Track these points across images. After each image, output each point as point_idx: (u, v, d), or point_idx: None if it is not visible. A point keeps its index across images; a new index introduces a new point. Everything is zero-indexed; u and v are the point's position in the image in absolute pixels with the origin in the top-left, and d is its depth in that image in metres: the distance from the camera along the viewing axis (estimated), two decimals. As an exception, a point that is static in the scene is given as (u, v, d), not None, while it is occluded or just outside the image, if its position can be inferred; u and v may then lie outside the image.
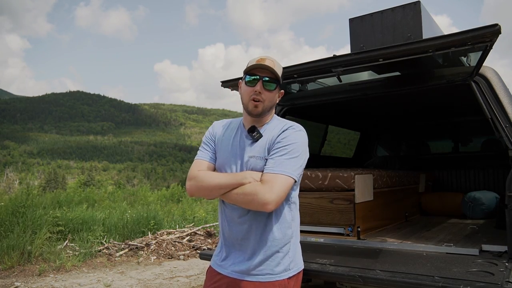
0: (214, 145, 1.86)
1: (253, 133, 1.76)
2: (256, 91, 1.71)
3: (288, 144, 1.67)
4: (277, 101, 1.85)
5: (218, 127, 1.92)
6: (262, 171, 1.68)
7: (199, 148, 1.89)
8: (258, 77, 1.72)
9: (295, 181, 1.68)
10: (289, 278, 1.73)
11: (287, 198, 1.74)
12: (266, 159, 1.69)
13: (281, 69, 1.79)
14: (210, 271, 1.86)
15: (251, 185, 1.63)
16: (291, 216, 1.77)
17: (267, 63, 1.72)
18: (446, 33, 2.05)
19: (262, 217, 1.70)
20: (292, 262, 1.76)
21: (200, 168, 1.79)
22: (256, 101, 1.72)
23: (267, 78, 1.72)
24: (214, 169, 1.83)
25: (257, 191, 1.59)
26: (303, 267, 1.85)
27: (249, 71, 1.74)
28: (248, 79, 1.73)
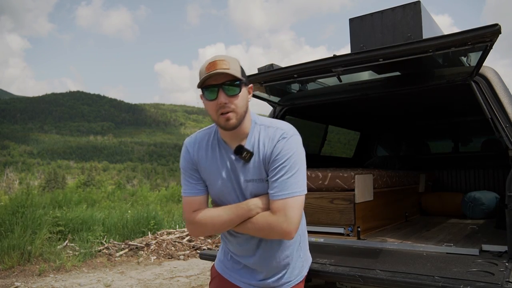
0: (198, 174, 1.63)
1: (242, 154, 1.54)
2: (221, 104, 1.46)
3: (286, 159, 1.50)
4: (249, 99, 1.59)
5: (193, 148, 1.64)
6: (266, 193, 1.55)
7: (182, 179, 1.65)
8: (216, 88, 1.46)
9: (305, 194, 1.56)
10: (303, 278, 1.75)
11: None
12: (267, 180, 1.54)
13: (238, 64, 1.51)
14: (221, 280, 1.75)
15: (261, 217, 1.50)
16: (302, 222, 1.75)
17: (219, 66, 1.44)
18: (446, 33, 2.05)
19: (282, 241, 1.64)
20: (304, 261, 1.77)
21: (194, 208, 1.59)
22: (226, 114, 1.47)
23: (226, 85, 1.46)
24: (208, 199, 1.65)
25: (270, 224, 1.47)
26: (311, 260, 1.87)
27: (203, 83, 1.48)
28: (207, 94, 1.49)
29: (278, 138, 1.53)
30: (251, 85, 1.61)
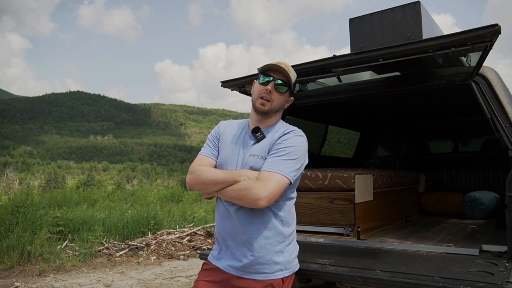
0: (218, 143, 1.93)
1: (257, 133, 1.83)
2: (267, 90, 1.79)
3: (287, 146, 1.73)
4: (286, 107, 1.90)
5: (224, 126, 1.99)
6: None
7: (204, 146, 1.97)
8: (271, 78, 1.80)
9: (291, 183, 1.71)
10: (284, 278, 1.74)
11: (284, 199, 1.77)
12: (266, 158, 1.74)
13: (295, 77, 1.88)
14: (206, 263, 1.91)
15: (246, 181, 1.67)
16: (288, 217, 1.80)
17: (284, 67, 1.80)
18: (447, 32, 2.05)
19: (258, 216, 1.72)
20: (288, 262, 1.78)
21: (201, 163, 1.85)
22: (264, 100, 1.79)
23: (279, 81, 1.80)
24: (215, 166, 1.88)
25: (251, 187, 1.63)
26: (298, 268, 1.87)
27: (263, 71, 1.82)
28: (262, 80, 1.82)
29: (289, 131, 1.80)
30: (292, 98, 1.93)
